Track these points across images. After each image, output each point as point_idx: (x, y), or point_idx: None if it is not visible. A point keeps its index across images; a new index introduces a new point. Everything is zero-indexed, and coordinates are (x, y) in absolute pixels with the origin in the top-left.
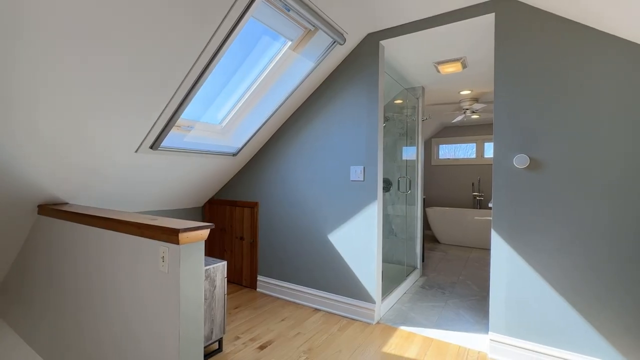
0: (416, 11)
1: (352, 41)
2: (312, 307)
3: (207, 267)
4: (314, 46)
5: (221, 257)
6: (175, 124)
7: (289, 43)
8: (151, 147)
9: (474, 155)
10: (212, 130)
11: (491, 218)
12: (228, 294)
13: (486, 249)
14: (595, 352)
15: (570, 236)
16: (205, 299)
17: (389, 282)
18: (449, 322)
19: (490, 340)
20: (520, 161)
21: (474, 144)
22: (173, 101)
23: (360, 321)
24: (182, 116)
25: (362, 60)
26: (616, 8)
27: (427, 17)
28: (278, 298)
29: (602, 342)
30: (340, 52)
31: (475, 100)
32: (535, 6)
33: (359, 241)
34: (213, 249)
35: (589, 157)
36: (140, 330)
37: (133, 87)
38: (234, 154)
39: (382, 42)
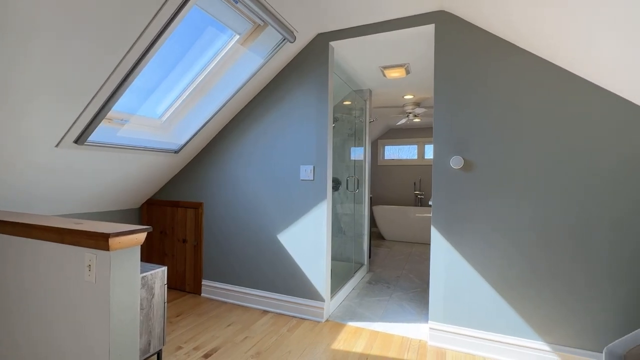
0: (364, 16)
1: (302, 40)
2: (261, 310)
3: (144, 274)
4: (263, 42)
5: (161, 263)
6: (106, 117)
7: (237, 37)
8: (76, 142)
9: (415, 156)
10: (151, 124)
11: (431, 215)
12: (169, 301)
13: (427, 244)
14: (518, 333)
15: (497, 230)
16: (141, 308)
17: (338, 280)
18: (394, 314)
19: (430, 328)
20: (455, 162)
21: (416, 146)
22: (103, 90)
23: (310, 320)
24: (114, 108)
25: (312, 59)
26: (534, 31)
27: (374, 22)
28: (225, 302)
29: (523, 324)
30: (291, 50)
31: (417, 104)
32: (470, 22)
33: (308, 240)
34: (152, 254)
35: (512, 160)
36: (68, 347)
37: (54, 71)
38: (176, 151)
39: (332, 43)
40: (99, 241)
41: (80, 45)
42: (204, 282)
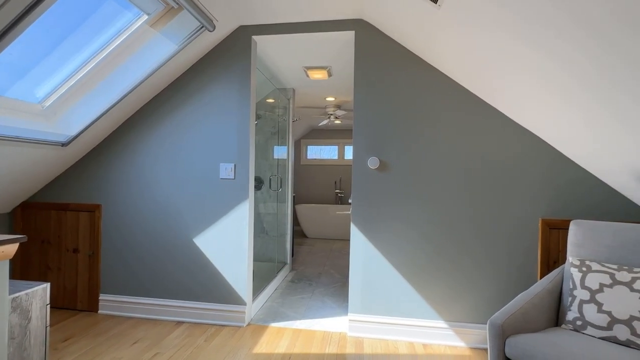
0: (288, 14)
1: (222, 30)
2: (174, 321)
3: (17, 295)
4: (177, 27)
5: (43, 279)
6: None
7: (145, 17)
8: None
9: (336, 157)
10: (27, 110)
11: (350, 212)
12: (54, 324)
13: (347, 240)
14: (424, 315)
15: (406, 224)
16: (12, 337)
17: (261, 281)
18: (316, 310)
19: (349, 320)
20: (372, 163)
21: (337, 146)
22: None
23: (231, 326)
24: None
25: (234, 52)
26: (439, 54)
27: (298, 22)
28: (130, 318)
29: (427, 307)
30: (210, 40)
31: (339, 107)
32: (387, 34)
33: (229, 242)
34: (29, 269)
35: (419, 162)
36: None
37: None
38: (64, 144)
39: (255, 38)
40: None
41: None
42: (101, 297)
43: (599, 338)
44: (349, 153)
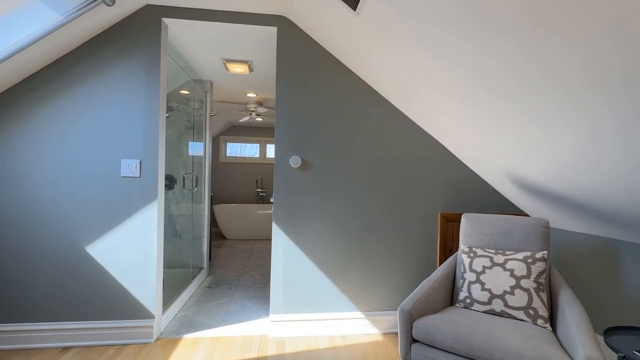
0: None
1: (125, 6)
2: (59, 347)
3: None
4: None
5: None
6: None
7: None
8: None
9: (257, 155)
10: None
11: (272, 211)
12: None
13: (269, 240)
14: (343, 308)
15: (326, 221)
16: None
17: (173, 289)
18: (236, 315)
19: (271, 321)
20: (294, 162)
21: (258, 145)
22: None
23: (135, 344)
24: None
25: (140, 33)
26: (362, 62)
27: (216, 9)
28: None
29: (346, 300)
30: (108, 15)
31: (260, 104)
32: (309, 34)
33: (133, 250)
34: None
35: (338, 162)
36: None
37: None
38: None
39: (166, 21)
40: None
41: None
42: None
43: (482, 312)
44: (270, 151)
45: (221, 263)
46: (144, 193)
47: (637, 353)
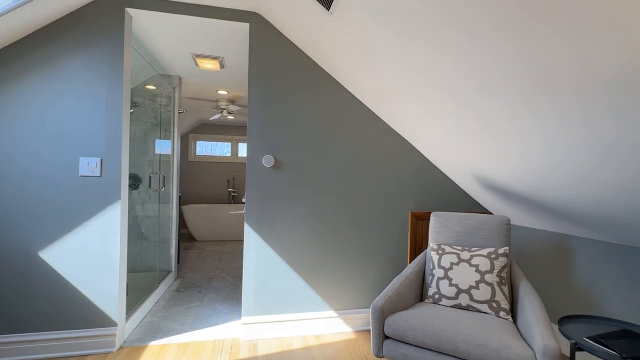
0: None
1: None
2: None
3: None
4: None
5: None
6: None
7: None
8: None
9: (229, 154)
10: None
11: (244, 211)
12: None
13: (241, 240)
14: (317, 308)
15: (299, 222)
16: None
17: (138, 294)
18: (206, 319)
19: (243, 324)
20: (267, 161)
21: (230, 143)
22: None
23: (96, 354)
24: None
25: (101, 24)
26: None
27: (184, 1)
28: None
29: (319, 300)
30: (66, 2)
31: (232, 102)
32: (282, 33)
33: (93, 253)
34: None
35: (311, 162)
36: None
37: None
38: None
39: (130, 11)
40: None
41: None
42: None
43: (450, 307)
44: (243, 150)
45: (190, 265)
46: (105, 193)
47: (587, 339)
